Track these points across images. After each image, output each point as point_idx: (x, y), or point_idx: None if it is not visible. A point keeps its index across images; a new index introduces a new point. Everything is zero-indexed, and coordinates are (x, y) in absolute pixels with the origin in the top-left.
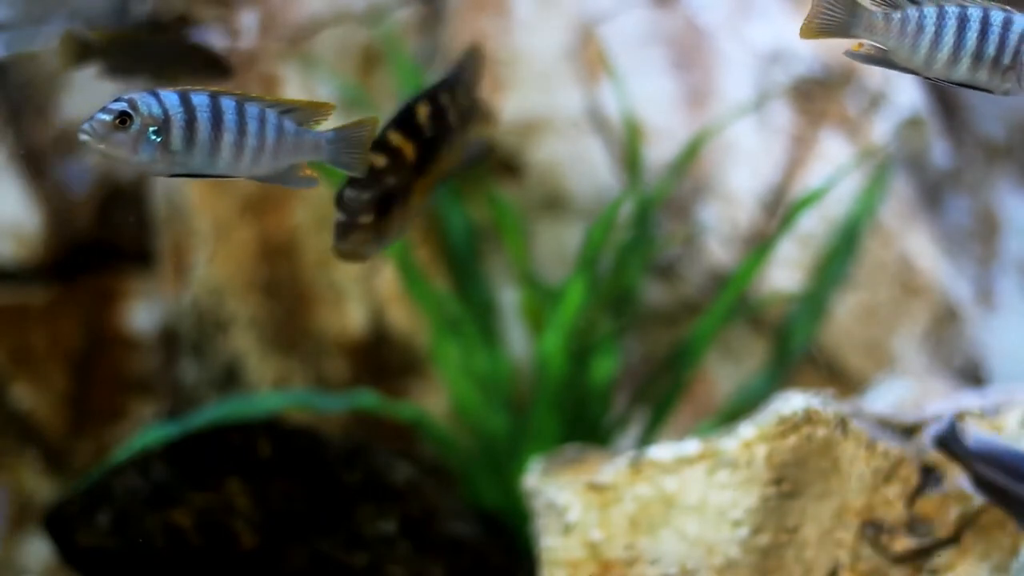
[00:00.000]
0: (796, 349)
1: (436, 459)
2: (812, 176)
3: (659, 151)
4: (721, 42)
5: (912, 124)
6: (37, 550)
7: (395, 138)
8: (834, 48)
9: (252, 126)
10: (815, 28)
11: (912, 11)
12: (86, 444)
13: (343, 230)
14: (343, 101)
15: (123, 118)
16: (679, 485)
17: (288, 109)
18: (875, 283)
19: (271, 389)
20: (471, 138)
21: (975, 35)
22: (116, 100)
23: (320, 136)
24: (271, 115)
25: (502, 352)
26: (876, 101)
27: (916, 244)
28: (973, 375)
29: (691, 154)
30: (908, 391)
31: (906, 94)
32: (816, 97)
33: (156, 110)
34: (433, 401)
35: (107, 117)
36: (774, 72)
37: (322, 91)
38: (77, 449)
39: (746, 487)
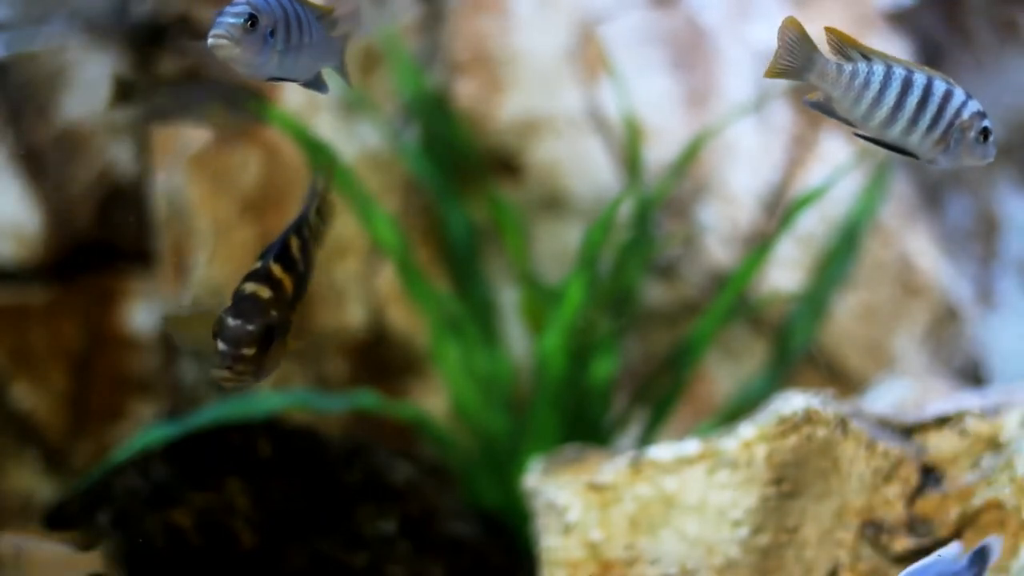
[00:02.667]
0: (796, 349)
1: (436, 459)
2: (812, 176)
3: (659, 151)
4: (721, 42)
5: None
6: None
7: (277, 270)
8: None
9: (309, 27)
10: (776, 69)
11: (863, 66)
12: (86, 444)
13: (228, 361)
14: (343, 101)
15: (252, 20)
16: (679, 485)
17: (320, 15)
18: (875, 283)
19: (271, 389)
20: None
21: (915, 101)
22: (235, 5)
23: (336, 42)
24: (315, 20)
25: (502, 352)
26: None
27: (916, 244)
28: (973, 375)
29: (691, 154)
30: (908, 391)
31: None
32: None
33: (269, 11)
34: (433, 401)
35: (238, 20)
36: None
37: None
38: (77, 449)
39: (746, 487)
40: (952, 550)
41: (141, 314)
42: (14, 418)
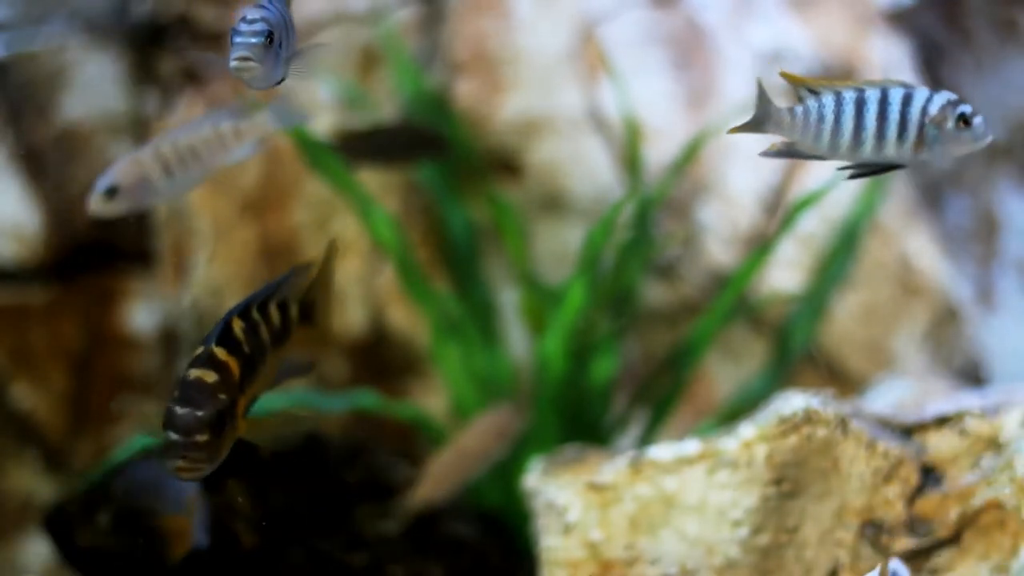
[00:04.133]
0: (796, 349)
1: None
2: (812, 176)
3: (659, 151)
4: (721, 42)
5: None
6: (37, 550)
7: (221, 353)
8: (834, 48)
9: (290, 28)
10: (744, 125)
11: (812, 102)
12: (86, 444)
13: (180, 450)
14: (343, 101)
15: (269, 36)
16: (679, 485)
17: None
18: (875, 283)
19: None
20: (291, 357)
21: (873, 115)
22: (249, 22)
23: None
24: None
25: (502, 352)
26: None
27: (916, 244)
28: (973, 375)
29: (691, 154)
30: (908, 391)
31: None
32: None
33: (276, 21)
34: (433, 401)
35: (260, 40)
36: (774, 72)
37: (322, 91)
38: (77, 449)
39: (746, 487)
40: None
41: (141, 314)
42: (14, 418)
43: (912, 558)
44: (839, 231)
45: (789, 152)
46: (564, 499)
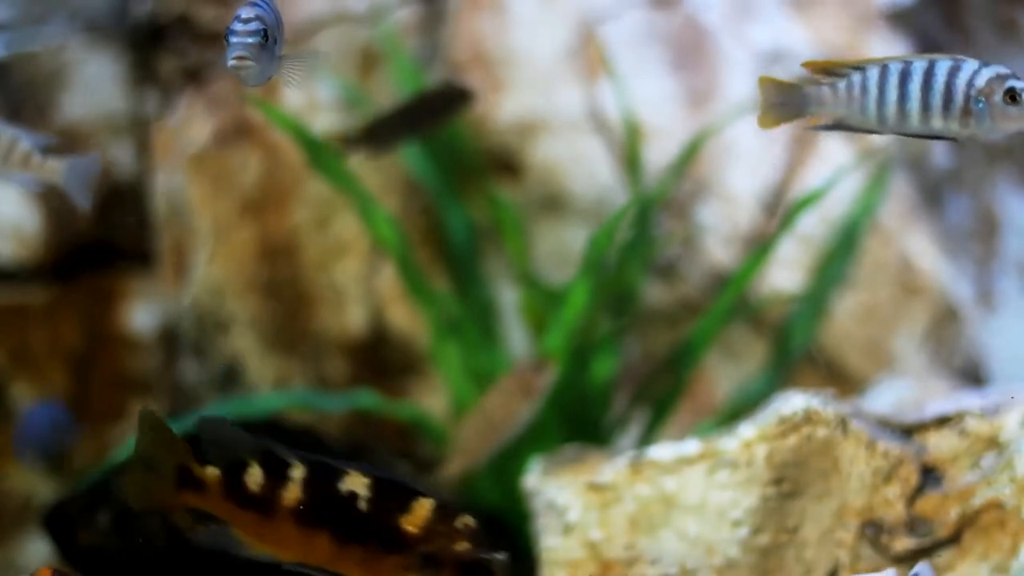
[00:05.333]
0: (796, 349)
1: (436, 459)
2: (812, 176)
3: (659, 151)
4: (721, 42)
5: None
6: (37, 550)
7: None
8: (834, 48)
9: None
10: (771, 118)
11: (856, 76)
12: (86, 444)
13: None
14: (343, 101)
15: (265, 34)
16: (679, 485)
17: None
18: (875, 283)
19: (271, 389)
20: None
21: (917, 87)
22: (242, 20)
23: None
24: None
25: (502, 352)
26: None
27: (916, 244)
28: (973, 375)
29: (691, 154)
30: (908, 391)
31: None
32: None
33: (271, 18)
34: (433, 401)
35: (256, 39)
36: (774, 72)
37: (322, 91)
38: (77, 449)
39: (746, 487)
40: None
41: (141, 314)
42: (14, 418)
43: (912, 558)
44: (839, 231)
45: (837, 126)
46: (564, 499)
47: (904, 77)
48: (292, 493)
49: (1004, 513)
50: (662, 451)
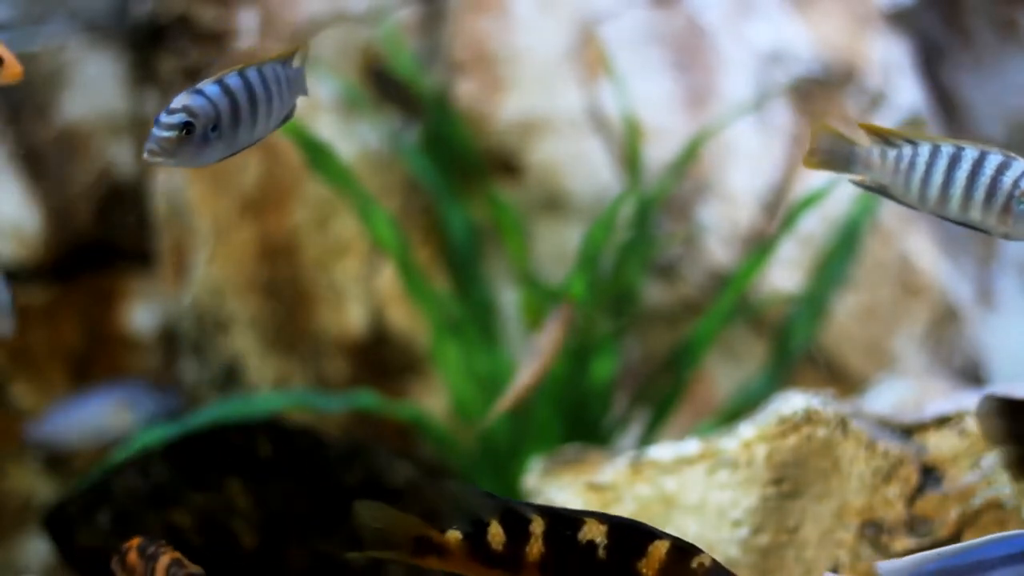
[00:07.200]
0: (796, 349)
1: (436, 459)
2: (812, 176)
3: (659, 151)
4: (721, 42)
5: (912, 124)
6: (37, 550)
7: None
8: (834, 48)
9: (273, 87)
10: (817, 162)
11: (907, 149)
12: (85, 452)
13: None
14: (343, 101)
15: (187, 128)
16: (679, 485)
17: (280, 59)
18: (875, 283)
19: (271, 389)
20: None
21: (964, 175)
22: (170, 112)
23: (299, 72)
24: (278, 69)
25: (502, 352)
26: (876, 101)
27: (916, 244)
28: (973, 375)
29: (691, 154)
30: (908, 391)
31: (906, 94)
32: (816, 97)
33: (210, 109)
34: (433, 401)
35: (172, 133)
36: (774, 72)
37: (322, 91)
38: (77, 449)
39: (746, 487)
40: None
41: (141, 314)
42: (14, 418)
43: None
44: (839, 231)
45: (879, 190)
46: (564, 499)
47: (953, 162)
48: (535, 548)
49: (1004, 513)
50: (662, 451)
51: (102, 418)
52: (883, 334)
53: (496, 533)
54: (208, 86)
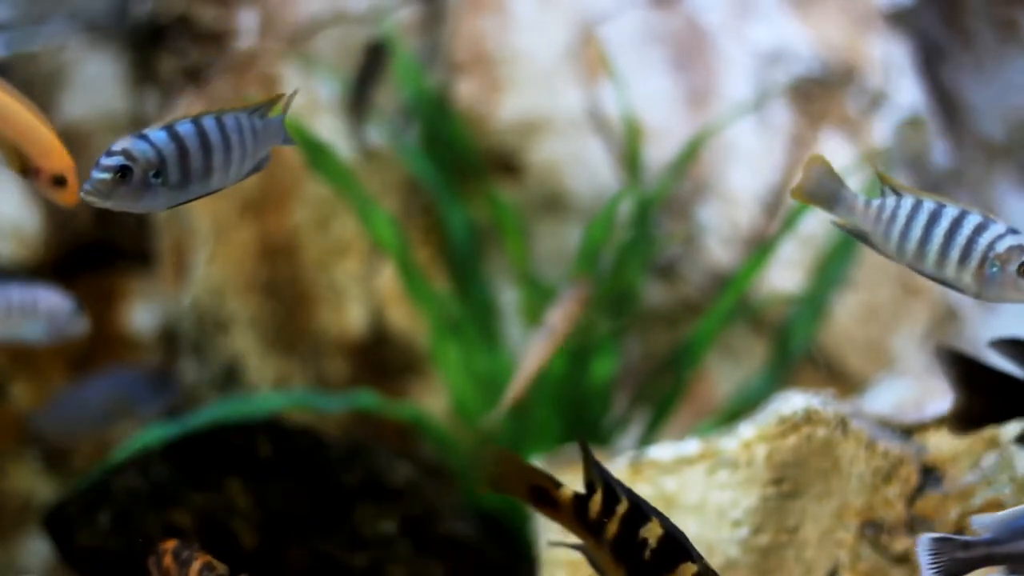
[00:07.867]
0: (796, 349)
1: (436, 459)
2: None
3: (659, 151)
4: (721, 42)
5: (912, 124)
6: (37, 550)
7: None
8: (834, 48)
9: (234, 137)
10: (804, 195)
11: (890, 200)
12: (86, 444)
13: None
14: (343, 101)
15: (123, 171)
16: (679, 485)
17: (252, 109)
18: (875, 283)
19: (271, 389)
20: None
21: (942, 233)
22: (109, 154)
23: (276, 121)
24: (243, 119)
25: (502, 352)
26: (876, 101)
27: None
28: None
29: (691, 154)
30: (908, 391)
31: (906, 94)
32: (816, 97)
33: (152, 154)
34: (433, 401)
35: (107, 175)
36: (774, 72)
37: (322, 91)
38: (77, 449)
39: (746, 487)
40: None
41: (141, 314)
42: (14, 418)
43: (912, 558)
44: (839, 231)
45: (859, 236)
46: None
47: (933, 218)
48: (613, 526)
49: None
50: (662, 451)
51: (104, 406)
52: (883, 334)
53: (597, 502)
54: (155, 131)
